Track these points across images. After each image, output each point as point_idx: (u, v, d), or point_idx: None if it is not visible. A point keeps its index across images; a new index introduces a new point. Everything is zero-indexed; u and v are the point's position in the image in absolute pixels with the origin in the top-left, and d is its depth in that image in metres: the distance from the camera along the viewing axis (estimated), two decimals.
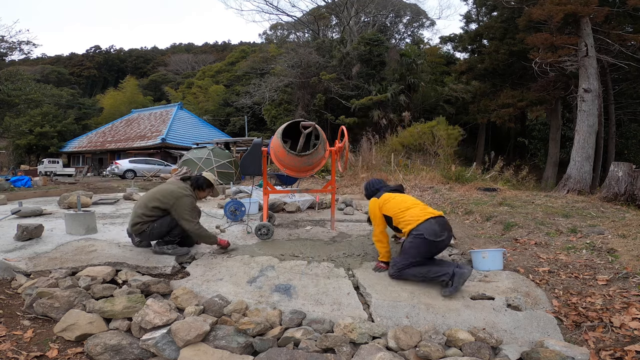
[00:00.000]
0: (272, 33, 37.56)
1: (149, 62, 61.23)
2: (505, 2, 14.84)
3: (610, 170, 6.52)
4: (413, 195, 7.71)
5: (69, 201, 5.82)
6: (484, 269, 3.07)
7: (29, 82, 21.14)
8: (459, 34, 26.29)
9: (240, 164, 4.68)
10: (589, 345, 2.15)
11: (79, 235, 3.68)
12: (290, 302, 2.45)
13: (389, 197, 3.05)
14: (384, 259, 3.02)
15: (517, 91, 16.16)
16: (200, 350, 1.92)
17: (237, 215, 4.84)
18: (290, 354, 1.89)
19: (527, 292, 2.68)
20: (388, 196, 3.06)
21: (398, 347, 2.01)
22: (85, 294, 2.40)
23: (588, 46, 11.12)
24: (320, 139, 3.72)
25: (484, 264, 3.09)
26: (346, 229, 4.65)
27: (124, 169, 18.28)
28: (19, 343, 2.01)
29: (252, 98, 24.27)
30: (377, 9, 28.03)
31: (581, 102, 11.10)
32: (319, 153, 3.75)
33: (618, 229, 4.20)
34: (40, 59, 55.00)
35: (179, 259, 3.16)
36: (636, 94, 16.59)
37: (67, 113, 31.04)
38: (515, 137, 23.51)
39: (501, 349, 2.05)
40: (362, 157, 12.99)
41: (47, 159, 23.20)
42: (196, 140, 22.92)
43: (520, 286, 2.76)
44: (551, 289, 2.79)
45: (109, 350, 1.94)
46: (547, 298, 2.66)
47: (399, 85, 20.80)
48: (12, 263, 2.87)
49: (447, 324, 2.26)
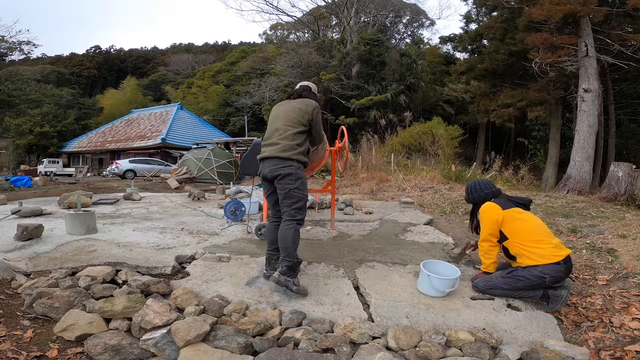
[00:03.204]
0: (272, 33, 37.62)
1: (149, 62, 61.31)
2: (505, 2, 14.83)
3: (610, 170, 6.52)
4: (413, 195, 7.75)
5: (69, 201, 5.82)
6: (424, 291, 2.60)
7: (29, 82, 21.18)
8: (458, 34, 26.34)
9: (240, 164, 4.68)
10: (589, 345, 2.15)
11: (79, 235, 3.68)
12: (290, 302, 2.45)
13: (517, 215, 2.55)
14: (488, 270, 2.66)
15: (517, 91, 16.15)
16: (200, 350, 1.92)
17: (237, 215, 4.85)
18: (290, 354, 1.89)
19: None
20: (516, 214, 2.55)
21: (398, 347, 2.01)
22: (85, 294, 2.40)
23: (588, 46, 11.13)
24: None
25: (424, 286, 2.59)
26: (346, 229, 4.65)
27: (124, 169, 18.29)
28: (19, 343, 2.01)
29: (252, 98, 24.30)
30: (377, 9, 28.05)
31: (581, 102, 11.11)
32: (319, 153, 3.75)
33: (618, 229, 4.21)
34: (40, 59, 55.04)
35: (179, 259, 3.16)
36: (636, 94, 16.60)
37: (67, 113, 31.06)
38: (515, 137, 23.52)
39: (501, 349, 2.05)
40: (362, 157, 12.99)
41: (47, 159, 23.21)
42: (196, 140, 22.95)
43: None
44: None
45: (109, 350, 1.94)
46: None
47: (399, 86, 20.81)
48: (12, 263, 2.87)
49: (447, 324, 2.26)
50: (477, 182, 2.85)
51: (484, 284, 2.56)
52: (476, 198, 2.80)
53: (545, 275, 2.34)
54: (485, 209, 2.61)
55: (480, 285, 2.57)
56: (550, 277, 2.34)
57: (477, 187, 2.80)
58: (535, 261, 2.39)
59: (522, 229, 2.50)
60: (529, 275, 2.38)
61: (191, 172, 12.84)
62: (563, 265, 2.36)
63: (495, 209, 2.57)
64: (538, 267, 2.37)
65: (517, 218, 2.53)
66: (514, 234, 2.51)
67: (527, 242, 2.46)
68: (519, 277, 2.41)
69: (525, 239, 2.47)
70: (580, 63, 11.30)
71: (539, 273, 2.36)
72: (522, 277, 2.40)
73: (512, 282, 2.43)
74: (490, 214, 2.57)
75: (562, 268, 2.36)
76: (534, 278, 2.37)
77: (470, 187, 2.86)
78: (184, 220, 5.03)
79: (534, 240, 2.45)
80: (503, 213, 2.54)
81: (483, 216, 2.60)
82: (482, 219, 2.61)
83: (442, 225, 5.06)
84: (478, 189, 2.79)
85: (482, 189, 2.77)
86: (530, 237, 2.46)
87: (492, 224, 2.55)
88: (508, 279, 2.46)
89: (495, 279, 2.53)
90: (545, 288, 2.42)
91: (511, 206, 2.59)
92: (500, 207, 2.57)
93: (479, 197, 2.77)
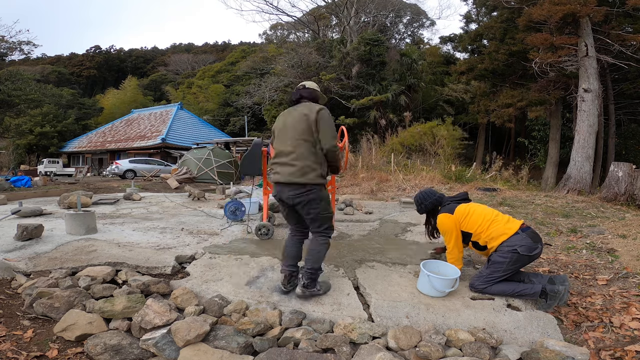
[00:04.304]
0: (272, 33, 37.63)
1: (149, 62, 61.34)
2: (505, 2, 14.84)
3: (610, 170, 6.52)
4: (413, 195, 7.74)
5: (69, 201, 5.82)
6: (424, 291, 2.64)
7: (29, 82, 21.16)
8: (459, 34, 26.35)
9: (240, 164, 4.68)
10: (589, 345, 2.15)
11: (79, 235, 3.69)
12: (290, 302, 2.45)
13: (466, 210, 2.73)
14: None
15: (517, 91, 16.15)
16: (200, 350, 1.92)
17: (237, 215, 4.85)
18: (290, 354, 1.89)
19: None
20: (465, 210, 2.74)
21: (398, 347, 2.01)
22: (85, 294, 2.40)
23: (588, 46, 11.13)
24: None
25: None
26: (346, 229, 4.65)
27: (124, 169, 18.28)
28: (19, 343, 2.01)
29: (252, 98, 24.28)
30: (377, 9, 28.03)
31: (581, 102, 11.11)
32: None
33: (618, 229, 4.21)
34: (41, 59, 55.08)
35: (179, 259, 3.16)
36: (636, 94, 16.58)
37: (67, 113, 31.07)
38: (515, 137, 23.53)
39: (501, 349, 2.05)
40: (362, 157, 12.99)
41: (47, 159, 23.22)
42: (196, 140, 22.95)
43: None
44: None
45: (109, 350, 1.94)
46: None
47: (399, 86, 20.80)
48: (12, 263, 2.87)
49: (447, 324, 2.26)
50: (421, 193, 3.05)
51: (479, 282, 2.58)
52: (426, 207, 2.99)
53: (514, 246, 2.48)
54: (441, 222, 2.78)
55: (478, 285, 2.58)
56: (520, 247, 2.47)
57: (422, 198, 3.01)
58: (499, 239, 2.56)
59: (475, 219, 2.69)
60: (502, 253, 2.52)
61: (191, 172, 12.84)
62: (523, 233, 2.53)
63: (448, 217, 2.75)
64: (504, 243, 2.54)
65: (467, 213, 2.73)
66: (472, 227, 2.68)
67: (484, 227, 2.64)
68: (497, 260, 2.54)
69: (482, 226, 2.65)
70: (580, 63, 11.31)
71: (507, 247, 2.51)
72: (499, 257, 2.53)
73: (496, 267, 2.53)
74: (448, 224, 2.73)
75: (524, 235, 2.52)
76: (507, 254, 2.50)
77: (417, 199, 3.06)
78: (184, 220, 5.03)
79: (488, 223, 2.64)
80: (456, 215, 2.73)
81: (443, 228, 2.77)
82: (444, 232, 2.77)
83: None
84: (424, 199, 2.99)
85: (426, 198, 2.99)
86: (484, 223, 2.65)
87: (454, 231, 2.71)
88: (491, 266, 2.57)
89: (483, 272, 2.61)
90: (529, 259, 2.51)
91: (455, 206, 2.78)
92: (449, 214, 2.75)
93: (428, 206, 2.98)
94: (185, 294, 2.39)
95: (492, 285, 2.53)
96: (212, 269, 2.96)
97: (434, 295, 2.53)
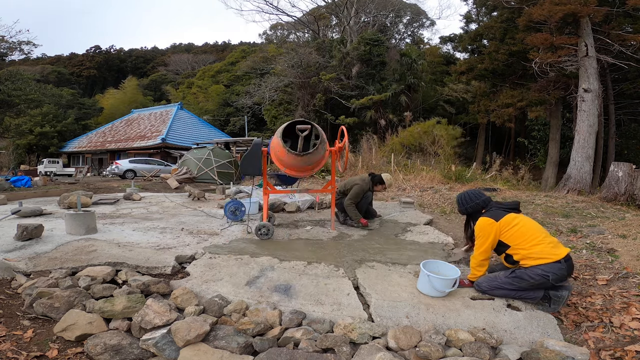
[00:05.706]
0: (272, 33, 37.62)
1: (149, 62, 61.30)
2: (505, 2, 14.84)
3: (610, 170, 6.52)
4: (413, 195, 7.74)
5: (69, 201, 5.82)
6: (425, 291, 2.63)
7: (29, 82, 21.14)
8: (459, 34, 26.31)
9: (240, 164, 4.68)
10: (589, 345, 2.15)
11: (79, 235, 3.68)
12: (290, 302, 2.45)
13: (514, 222, 2.58)
14: (473, 279, 2.69)
15: (517, 91, 16.14)
16: (200, 350, 1.92)
17: (237, 215, 4.85)
18: (290, 354, 1.89)
19: None
20: (513, 221, 2.58)
21: (398, 347, 2.01)
22: (85, 294, 2.40)
23: (588, 46, 11.13)
24: (320, 139, 3.72)
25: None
26: (346, 229, 4.65)
27: (124, 169, 18.27)
28: (19, 343, 2.01)
29: (252, 98, 24.26)
30: (377, 9, 28.02)
31: (581, 102, 11.11)
32: (319, 153, 3.75)
33: (618, 229, 4.21)
34: (40, 59, 55.03)
35: (179, 259, 3.16)
36: (636, 94, 16.57)
37: (67, 113, 31.04)
38: (515, 137, 23.52)
39: (501, 349, 2.05)
40: (362, 157, 13.00)
41: (47, 159, 23.19)
42: (196, 140, 22.94)
43: None
44: None
45: (109, 350, 1.94)
46: None
47: (399, 86, 20.79)
48: (12, 263, 2.87)
49: (447, 324, 2.26)
50: (466, 193, 2.92)
51: (488, 284, 2.55)
52: (468, 209, 2.88)
53: (548, 273, 2.35)
54: (481, 225, 2.64)
55: (484, 285, 2.56)
56: (554, 276, 2.35)
57: (468, 198, 2.87)
58: (537, 261, 2.41)
59: (521, 233, 2.53)
60: (533, 275, 2.40)
61: (191, 172, 12.83)
62: (564, 264, 2.39)
63: (490, 223, 2.60)
64: (540, 267, 2.39)
65: (513, 225, 2.57)
66: (514, 241, 2.54)
67: (527, 245, 2.48)
68: (523, 277, 2.42)
69: (525, 242, 2.50)
70: (580, 63, 11.30)
71: (542, 272, 2.37)
72: (526, 276, 2.42)
73: (516, 282, 2.44)
74: (488, 230, 2.59)
75: (563, 266, 2.38)
76: (537, 277, 2.38)
77: (460, 199, 2.93)
78: (184, 220, 5.03)
79: (533, 242, 2.48)
80: (498, 225, 2.58)
81: (480, 232, 2.64)
82: (479, 235, 2.64)
83: (442, 225, 5.07)
84: (468, 200, 2.87)
85: (472, 199, 2.85)
86: (529, 240, 2.49)
87: (490, 238, 2.58)
88: (512, 278, 2.46)
89: (499, 278, 2.53)
90: (548, 288, 2.42)
91: (503, 214, 2.63)
92: (494, 220, 2.60)
93: (471, 208, 2.85)
94: (185, 294, 2.39)
95: (497, 289, 2.52)
96: (212, 269, 2.96)
97: (434, 295, 2.53)
